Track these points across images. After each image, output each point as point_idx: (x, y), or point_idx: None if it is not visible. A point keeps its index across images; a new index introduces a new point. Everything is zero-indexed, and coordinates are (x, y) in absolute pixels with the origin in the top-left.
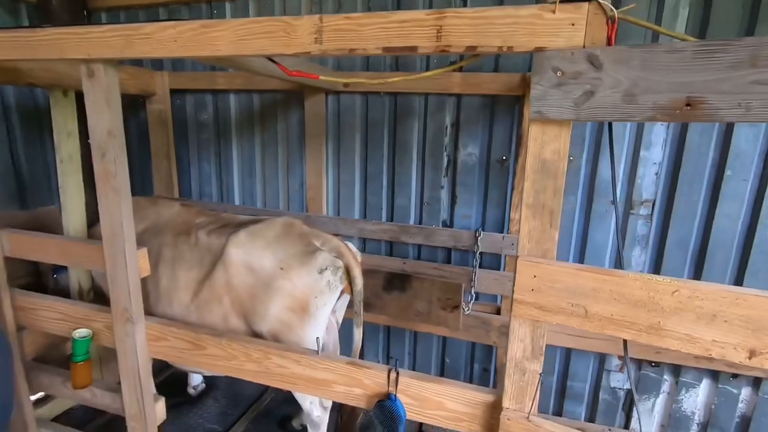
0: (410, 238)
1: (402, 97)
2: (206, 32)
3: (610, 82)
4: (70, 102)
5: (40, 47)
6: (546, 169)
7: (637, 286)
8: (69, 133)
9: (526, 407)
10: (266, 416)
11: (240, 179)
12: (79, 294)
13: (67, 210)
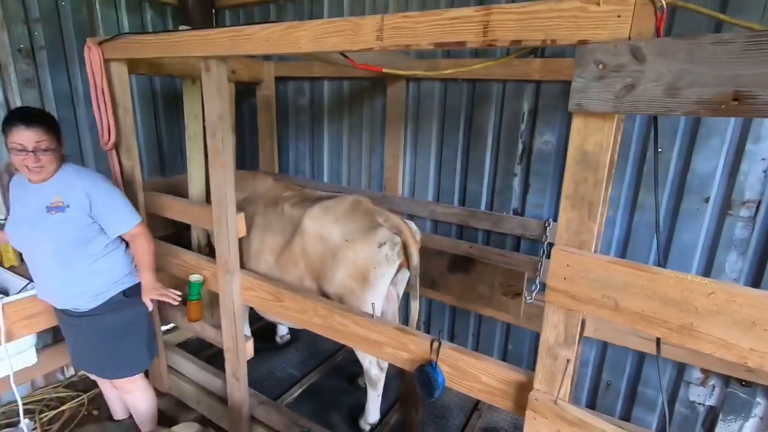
0: (478, 223)
1: (481, 84)
2: (291, 32)
3: (652, 75)
4: (197, 89)
5: (174, 47)
6: (587, 161)
7: (670, 284)
8: (195, 115)
9: (555, 392)
10: (337, 371)
11: (329, 158)
12: (198, 247)
13: (192, 178)
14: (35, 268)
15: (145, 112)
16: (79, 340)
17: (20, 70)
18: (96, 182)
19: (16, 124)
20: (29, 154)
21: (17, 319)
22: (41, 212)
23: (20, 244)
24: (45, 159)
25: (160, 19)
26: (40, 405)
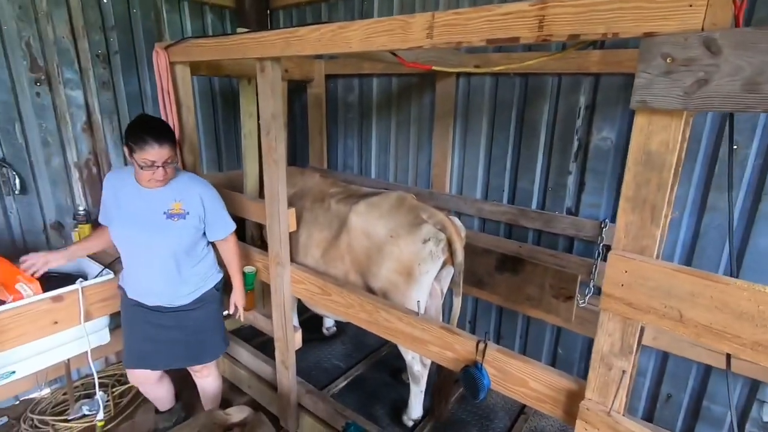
0: (528, 222)
1: (534, 78)
2: (342, 32)
3: (728, 69)
4: (252, 89)
5: (231, 49)
6: (650, 162)
7: (744, 296)
8: (250, 114)
9: (609, 402)
10: (382, 365)
11: (377, 155)
12: (251, 240)
13: (247, 174)
14: (137, 267)
15: (204, 110)
16: (167, 333)
17: (98, 74)
18: (208, 189)
19: (149, 142)
20: (158, 168)
21: (94, 301)
22: (159, 218)
23: (127, 243)
24: (170, 170)
25: (219, 22)
26: (113, 380)
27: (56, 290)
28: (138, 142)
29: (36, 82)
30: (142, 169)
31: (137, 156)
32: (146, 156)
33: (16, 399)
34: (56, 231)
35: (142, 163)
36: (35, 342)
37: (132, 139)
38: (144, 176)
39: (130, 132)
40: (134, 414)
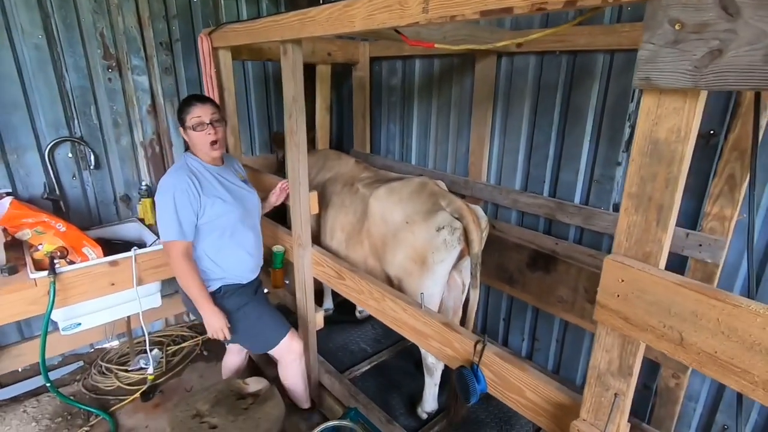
0: (567, 217)
1: (582, 56)
2: (347, 11)
3: (748, 36)
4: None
5: (259, 33)
6: (658, 153)
7: (757, 323)
8: None
9: (602, 426)
10: (408, 353)
11: (417, 140)
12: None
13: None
14: (239, 246)
15: (258, 94)
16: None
17: (161, 60)
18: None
19: (192, 102)
20: (208, 126)
21: (146, 268)
22: (242, 186)
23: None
24: (220, 131)
25: (274, 7)
26: (168, 339)
27: (113, 256)
28: (184, 107)
29: (108, 69)
30: (195, 130)
31: (188, 119)
32: (194, 114)
33: (91, 347)
34: (124, 203)
35: (194, 122)
36: (96, 300)
37: (180, 111)
38: (201, 140)
39: (178, 109)
40: (182, 372)
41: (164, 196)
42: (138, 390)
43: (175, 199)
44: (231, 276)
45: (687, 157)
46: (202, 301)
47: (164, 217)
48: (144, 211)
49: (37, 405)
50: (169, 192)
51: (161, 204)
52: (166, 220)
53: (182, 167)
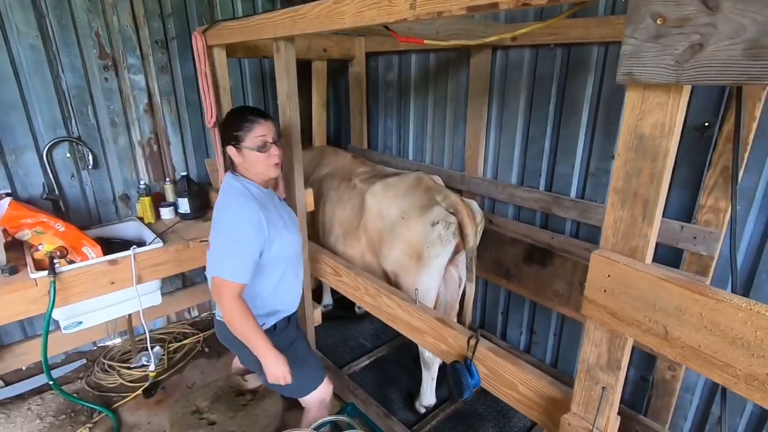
0: (563, 211)
1: (577, 49)
2: (336, 8)
3: (728, 30)
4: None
5: (251, 30)
6: (643, 148)
7: (739, 318)
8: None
9: (593, 418)
10: (406, 348)
11: (414, 135)
12: None
13: None
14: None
15: (255, 91)
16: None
17: (157, 59)
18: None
19: (252, 118)
20: (272, 145)
21: (146, 266)
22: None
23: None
24: (281, 151)
25: (270, 3)
26: (170, 337)
27: (112, 255)
28: (244, 124)
29: (104, 68)
30: (259, 151)
31: (249, 138)
32: (257, 132)
33: (94, 345)
34: (123, 202)
35: (259, 142)
36: (97, 298)
37: (235, 127)
38: (264, 161)
39: (231, 124)
40: (183, 369)
41: (232, 228)
42: (140, 387)
43: (246, 234)
44: (285, 309)
45: (672, 152)
46: (263, 346)
47: (226, 250)
48: (143, 209)
49: (41, 402)
50: (241, 224)
51: (225, 234)
52: (227, 255)
53: (246, 194)
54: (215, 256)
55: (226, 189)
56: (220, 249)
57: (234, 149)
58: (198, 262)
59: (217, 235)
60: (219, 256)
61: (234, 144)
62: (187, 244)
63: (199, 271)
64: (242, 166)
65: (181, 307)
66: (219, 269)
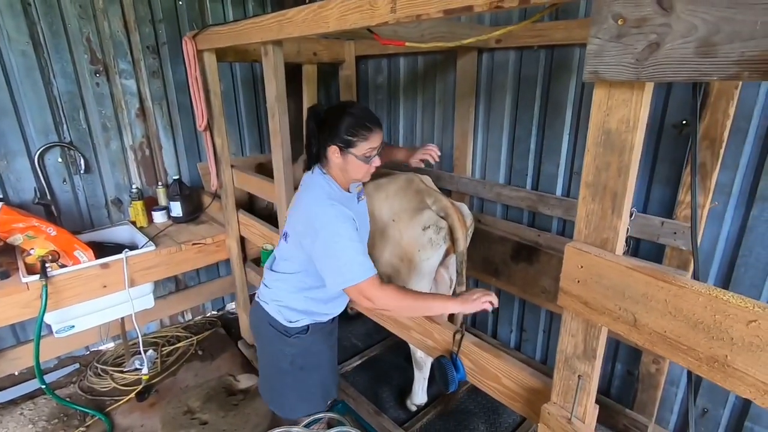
0: (548, 209)
1: (560, 50)
2: (321, 12)
3: (681, 30)
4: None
5: (241, 35)
6: (610, 143)
7: (699, 303)
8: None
9: (571, 407)
10: (398, 347)
11: (404, 137)
12: None
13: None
14: None
15: (247, 95)
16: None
17: (148, 64)
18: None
19: (373, 129)
20: (377, 156)
21: (138, 270)
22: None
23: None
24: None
25: (260, 9)
26: (163, 340)
27: (104, 258)
28: (361, 131)
29: (95, 73)
30: (365, 161)
31: (361, 147)
32: (373, 143)
33: (87, 349)
34: (116, 206)
35: (368, 153)
36: (89, 302)
37: (350, 131)
38: (363, 171)
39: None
40: (177, 372)
41: (332, 230)
42: (133, 390)
43: (348, 230)
44: (323, 314)
45: (637, 146)
46: (443, 304)
47: (343, 254)
48: (135, 213)
49: (33, 407)
50: (338, 224)
51: (331, 241)
52: (347, 258)
53: (332, 194)
54: (332, 268)
55: (313, 187)
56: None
57: (338, 150)
58: (191, 265)
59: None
60: (335, 264)
61: (341, 146)
62: (179, 247)
63: (192, 275)
64: (338, 167)
65: (174, 310)
66: (342, 278)
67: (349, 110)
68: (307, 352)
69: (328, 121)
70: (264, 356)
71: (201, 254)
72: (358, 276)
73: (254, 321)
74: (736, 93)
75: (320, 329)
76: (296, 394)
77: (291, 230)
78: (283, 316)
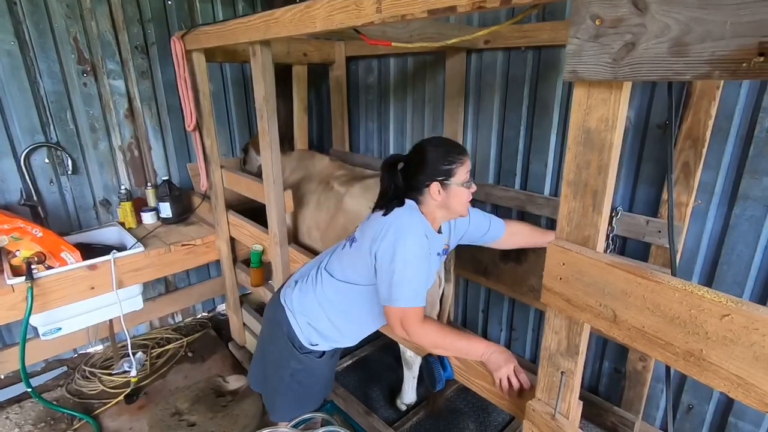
0: (536, 208)
1: (547, 51)
2: (308, 12)
3: (655, 30)
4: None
5: (228, 35)
6: (590, 141)
7: (675, 298)
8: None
9: (555, 404)
10: (389, 348)
11: (395, 137)
12: None
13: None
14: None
15: (237, 95)
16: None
17: (137, 64)
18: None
19: (464, 153)
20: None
21: (126, 271)
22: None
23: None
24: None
25: (250, 8)
26: (152, 342)
27: (92, 259)
28: (456, 157)
29: (83, 73)
30: (467, 187)
31: (461, 173)
32: (467, 167)
33: (75, 352)
34: (104, 207)
35: (467, 178)
36: (76, 304)
37: (446, 161)
38: (464, 198)
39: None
40: (167, 374)
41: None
42: (122, 393)
43: (421, 258)
44: (344, 342)
45: (617, 144)
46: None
47: (404, 275)
48: (124, 215)
49: (19, 411)
50: (416, 247)
51: (391, 255)
52: (409, 278)
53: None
54: (391, 282)
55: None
56: (396, 272)
57: (439, 185)
58: (180, 266)
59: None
60: (396, 280)
61: (441, 179)
62: (168, 248)
63: (182, 276)
64: (438, 205)
65: (164, 312)
66: (395, 295)
67: (433, 145)
68: (311, 372)
69: (417, 162)
70: (266, 352)
71: (190, 255)
72: (409, 300)
73: (270, 318)
74: (718, 93)
75: (332, 353)
76: (288, 402)
77: (360, 235)
78: (305, 335)
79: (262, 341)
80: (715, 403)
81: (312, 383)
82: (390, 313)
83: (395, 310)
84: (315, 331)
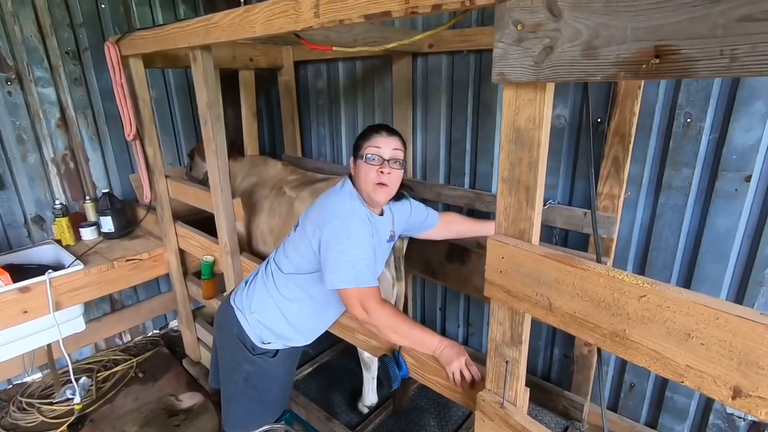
0: (484, 206)
1: (487, 54)
2: (247, 16)
3: (569, 34)
4: None
5: (166, 40)
6: (520, 139)
7: (600, 283)
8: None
9: (503, 392)
10: (349, 352)
11: (347, 141)
12: None
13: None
14: (337, 315)
15: (182, 102)
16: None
17: (69, 71)
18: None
19: (379, 131)
20: (385, 162)
21: (64, 291)
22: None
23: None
24: (394, 175)
25: (192, 12)
26: (98, 365)
27: (23, 281)
28: (366, 135)
29: (7, 81)
30: (366, 161)
31: (365, 147)
32: (373, 142)
33: (9, 383)
34: (37, 225)
35: (369, 153)
36: (7, 330)
37: (360, 138)
38: (368, 175)
39: (358, 136)
40: (114, 398)
41: (342, 226)
42: (65, 422)
43: (360, 230)
44: (299, 340)
45: (544, 142)
46: (431, 337)
47: (351, 251)
48: (60, 231)
49: None
50: (349, 220)
51: (336, 236)
52: (356, 256)
53: (353, 194)
54: (331, 266)
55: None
56: (334, 252)
57: (352, 161)
58: (125, 282)
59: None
60: (335, 263)
61: (354, 153)
62: (111, 264)
63: (129, 293)
64: (355, 177)
65: (110, 332)
66: (339, 278)
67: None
68: (266, 374)
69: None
70: (220, 359)
71: (136, 271)
72: (364, 280)
73: (220, 322)
74: (640, 92)
75: (287, 354)
76: (244, 409)
77: (304, 217)
78: (256, 333)
79: (214, 349)
80: (653, 381)
81: (267, 387)
82: (347, 295)
83: (353, 291)
84: (266, 328)
